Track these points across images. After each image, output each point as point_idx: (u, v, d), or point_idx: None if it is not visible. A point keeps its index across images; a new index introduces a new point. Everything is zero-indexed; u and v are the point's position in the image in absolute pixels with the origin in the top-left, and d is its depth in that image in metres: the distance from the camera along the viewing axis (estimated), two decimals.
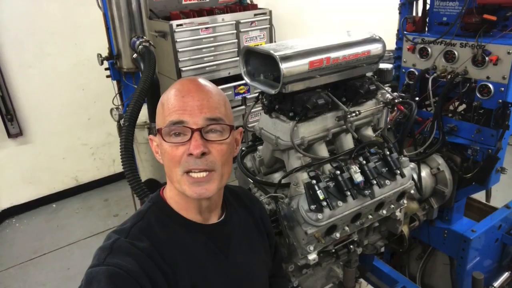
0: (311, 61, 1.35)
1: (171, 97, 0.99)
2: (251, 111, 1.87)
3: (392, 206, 1.61)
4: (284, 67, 1.30)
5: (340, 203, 1.39)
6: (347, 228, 1.51)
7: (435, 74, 1.90)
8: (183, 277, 0.99)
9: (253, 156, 1.73)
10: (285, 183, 1.52)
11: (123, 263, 0.89)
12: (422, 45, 1.96)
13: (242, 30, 3.89)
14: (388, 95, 1.62)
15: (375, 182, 1.44)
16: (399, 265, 2.54)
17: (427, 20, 2.01)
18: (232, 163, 1.08)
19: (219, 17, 3.76)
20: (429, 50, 1.94)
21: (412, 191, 1.78)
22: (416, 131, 2.01)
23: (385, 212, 1.59)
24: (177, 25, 3.51)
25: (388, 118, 1.84)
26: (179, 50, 3.60)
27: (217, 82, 3.89)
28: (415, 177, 1.92)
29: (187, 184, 0.97)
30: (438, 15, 1.94)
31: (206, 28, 3.69)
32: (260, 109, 1.58)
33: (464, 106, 1.93)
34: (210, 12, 3.83)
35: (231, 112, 1.06)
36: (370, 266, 2.19)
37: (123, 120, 1.92)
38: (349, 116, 1.47)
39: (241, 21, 3.86)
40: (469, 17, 1.75)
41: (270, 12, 4.03)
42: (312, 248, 1.44)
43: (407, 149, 2.01)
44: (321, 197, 1.34)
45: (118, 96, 2.74)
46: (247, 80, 1.50)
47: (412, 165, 1.92)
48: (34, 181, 4.16)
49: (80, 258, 3.42)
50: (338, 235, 1.48)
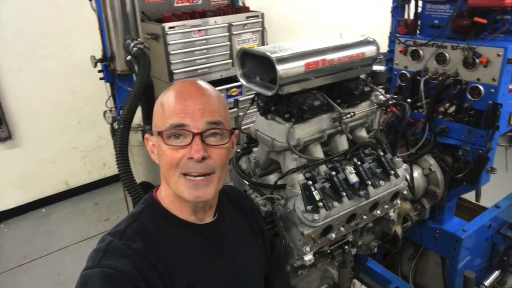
0: (307, 63, 1.37)
1: (172, 99, 0.98)
2: (247, 112, 1.87)
3: (386, 206, 1.63)
4: (280, 68, 1.31)
5: (335, 203, 1.40)
6: (342, 229, 1.52)
7: (426, 76, 1.93)
8: (178, 277, 0.99)
9: (248, 158, 1.73)
10: (281, 185, 1.53)
11: (118, 264, 0.89)
12: (414, 48, 1.99)
13: (234, 32, 3.89)
14: (381, 97, 1.64)
15: (370, 182, 1.46)
16: (391, 265, 2.56)
17: (418, 23, 2.04)
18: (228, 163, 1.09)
19: (212, 19, 3.76)
20: (421, 52, 1.97)
21: (405, 192, 1.81)
22: (408, 132, 2.03)
23: (379, 212, 1.60)
24: (169, 28, 3.50)
25: (381, 120, 1.87)
26: (171, 52, 3.58)
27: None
28: (408, 177, 1.94)
29: (185, 186, 0.97)
30: (429, 18, 1.97)
31: (199, 30, 3.68)
32: (253, 111, 1.59)
33: (455, 107, 1.96)
34: (203, 14, 3.83)
35: (229, 116, 1.07)
36: (364, 267, 2.21)
37: (117, 122, 1.91)
38: (344, 118, 1.49)
39: (234, 23, 3.87)
40: (460, 20, 1.79)
41: (263, 14, 4.05)
42: (308, 249, 1.45)
43: (399, 150, 2.03)
44: (317, 197, 1.35)
45: (111, 98, 2.72)
46: (243, 82, 1.51)
47: (405, 165, 1.94)
48: (23, 186, 4.10)
49: (71, 263, 3.38)
50: (333, 235, 1.49)
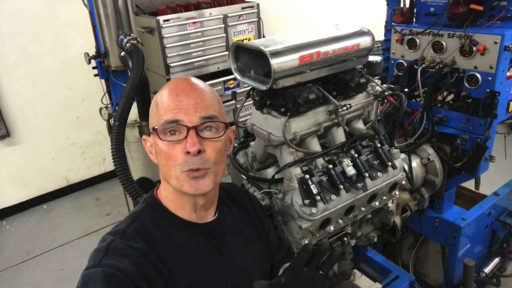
0: (301, 56, 1.35)
1: (165, 96, 0.98)
2: (243, 105, 1.85)
3: (385, 197, 1.62)
4: (274, 62, 1.30)
5: (333, 196, 1.40)
6: (340, 221, 1.52)
7: (423, 65, 1.91)
8: (179, 276, 0.99)
9: (245, 152, 1.73)
10: (278, 179, 1.53)
11: (119, 264, 0.89)
12: (410, 36, 1.97)
13: (230, 24, 3.86)
14: (378, 88, 1.63)
15: (367, 174, 1.45)
16: (392, 254, 2.58)
17: (414, 11, 2.02)
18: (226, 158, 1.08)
19: (207, 11, 3.72)
20: (417, 41, 1.95)
21: (404, 182, 1.81)
22: (406, 122, 2.02)
23: (377, 203, 1.60)
24: (164, 21, 3.48)
25: (378, 110, 1.86)
26: (167, 46, 3.56)
27: (206, 77, 3.88)
28: (406, 168, 1.94)
29: (186, 179, 0.97)
30: (425, 5, 1.95)
31: (194, 22, 3.65)
32: (250, 103, 1.58)
33: (452, 96, 1.95)
34: (197, 6, 3.80)
35: (224, 110, 1.06)
36: (364, 257, 2.22)
37: (113, 119, 1.90)
38: (340, 110, 1.48)
39: (229, 15, 3.83)
40: (456, 7, 1.76)
41: (258, 5, 4.01)
42: (306, 242, 1.45)
43: (397, 140, 2.03)
44: (315, 191, 1.35)
45: (106, 95, 2.71)
46: (237, 76, 1.49)
47: (403, 156, 1.94)
48: (23, 183, 4.10)
49: (73, 259, 3.39)
50: (332, 228, 1.49)
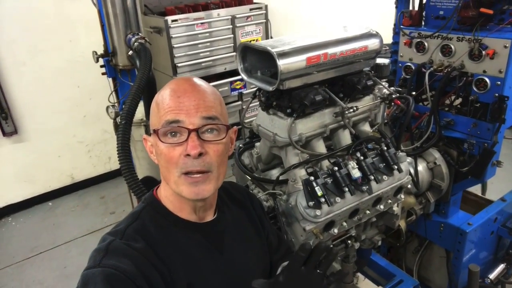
0: (308, 57, 1.35)
1: (166, 97, 0.98)
2: (249, 106, 1.85)
3: (390, 201, 1.61)
4: (281, 63, 1.30)
5: (338, 199, 1.39)
6: (345, 224, 1.51)
7: (431, 69, 1.89)
8: (179, 276, 0.99)
9: (250, 153, 1.73)
10: (283, 180, 1.52)
11: (119, 264, 0.89)
12: (419, 39, 1.96)
13: (238, 25, 3.87)
14: (385, 90, 1.62)
15: (372, 177, 1.45)
16: (396, 258, 2.56)
17: (423, 14, 2.00)
18: (228, 161, 1.08)
19: (215, 12, 3.73)
20: (426, 44, 1.94)
21: (409, 186, 1.79)
22: (413, 126, 2.01)
23: (382, 207, 1.59)
24: (172, 21, 3.49)
25: (385, 113, 1.84)
26: (175, 46, 3.57)
27: (213, 77, 3.89)
28: (412, 171, 1.93)
29: (184, 185, 0.97)
30: (434, 9, 1.93)
31: (202, 23, 3.67)
32: (256, 104, 1.58)
33: (460, 100, 1.94)
34: (206, 7, 3.81)
35: (226, 112, 1.05)
36: (368, 261, 2.20)
37: (119, 118, 1.91)
38: (346, 112, 1.47)
39: (237, 16, 3.84)
40: (465, 11, 1.75)
41: (266, 6, 4.01)
42: (310, 244, 1.44)
43: (404, 143, 2.01)
44: (319, 193, 1.35)
45: (114, 93, 2.72)
46: (244, 77, 1.49)
47: (409, 159, 1.93)
48: (29, 180, 4.13)
49: (77, 256, 3.41)
50: (336, 230, 1.49)
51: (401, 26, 2.04)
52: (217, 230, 1.12)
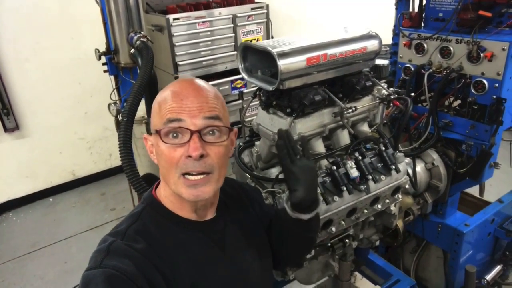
0: (308, 57, 1.37)
1: (169, 98, 0.97)
2: (249, 105, 1.87)
3: (387, 200, 1.63)
4: (281, 63, 1.31)
5: (336, 198, 1.41)
6: (343, 223, 1.53)
7: (430, 70, 1.91)
8: (182, 275, 0.99)
9: (250, 152, 1.74)
10: (282, 178, 1.54)
11: (120, 265, 0.89)
12: (418, 41, 1.98)
13: (239, 24, 3.87)
14: (384, 91, 1.64)
15: (370, 177, 1.47)
16: (393, 258, 2.58)
17: (423, 16, 2.02)
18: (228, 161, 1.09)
19: (216, 11, 3.74)
20: (425, 45, 1.95)
21: (407, 186, 1.81)
22: (412, 127, 2.03)
23: (380, 206, 1.61)
24: (174, 19, 3.49)
25: (384, 114, 1.86)
26: (176, 44, 3.58)
27: (214, 76, 3.89)
28: (410, 172, 1.95)
29: (184, 186, 0.97)
30: (434, 11, 1.95)
31: (203, 22, 3.67)
32: (256, 103, 1.59)
33: (459, 101, 1.95)
34: (207, 5, 3.81)
35: (228, 114, 1.06)
36: (365, 260, 2.22)
37: (121, 115, 1.92)
38: (345, 112, 1.49)
39: (238, 15, 3.84)
40: (464, 13, 1.76)
41: (267, 6, 4.02)
42: None
43: (402, 144, 2.03)
44: (318, 191, 1.36)
45: (115, 91, 2.74)
46: (244, 76, 1.51)
47: (407, 160, 1.94)
48: (31, 175, 4.16)
49: (77, 252, 3.43)
50: (334, 229, 1.50)
51: (401, 28, 2.05)
52: (218, 228, 1.12)
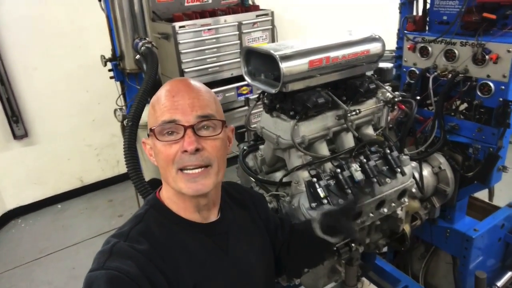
0: (310, 60, 1.37)
1: (162, 97, 1.00)
2: (253, 111, 1.88)
3: (393, 204, 1.61)
4: (284, 66, 1.32)
5: (340, 201, 1.40)
6: None
7: (435, 73, 1.90)
8: (184, 277, 0.99)
9: (254, 155, 1.74)
10: (286, 182, 1.53)
11: (123, 266, 0.89)
12: (423, 44, 1.97)
13: (244, 31, 3.90)
14: (388, 94, 1.63)
15: (375, 180, 1.45)
16: (402, 264, 2.54)
17: (427, 19, 2.01)
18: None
19: (221, 18, 3.78)
20: (430, 49, 1.94)
21: (414, 190, 1.79)
22: (418, 130, 2.01)
23: (386, 210, 1.59)
24: (180, 27, 3.54)
25: (390, 117, 1.85)
26: (182, 51, 3.62)
27: (219, 83, 3.92)
28: (417, 176, 1.93)
29: (183, 181, 0.98)
30: (438, 14, 1.94)
31: (209, 29, 3.71)
32: (261, 109, 1.60)
33: (465, 104, 1.93)
34: (213, 13, 3.85)
35: (221, 109, 1.07)
36: (373, 265, 2.20)
37: (126, 120, 1.94)
38: (349, 115, 1.48)
39: (243, 22, 3.87)
40: (469, 16, 1.75)
41: (272, 13, 4.05)
42: None
43: (408, 148, 2.01)
44: (322, 195, 1.36)
45: (121, 97, 2.77)
46: (248, 79, 1.52)
47: (414, 164, 1.92)
48: (39, 182, 4.20)
49: (85, 258, 3.44)
50: None
51: (405, 31, 2.05)
52: (221, 230, 1.13)
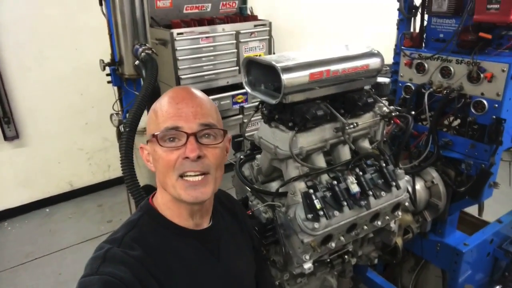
0: (311, 73, 1.39)
1: (165, 104, 1.00)
2: (251, 120, 1.89)
3: (387, 217, 1.63)
4: (285, 78, 1.33)
5: (336, 213, 1.41)
6: (342, 238, 1.53)
7: (431, 89, 1.93)
8: (177, 283, 0.99)
9: (251, 165, 1.75)
10: (282, 192, 1.54)
11: (116, 271, 0.89)
12: (419, 61, 2.01)
13: (241, 40, 3.94)
14: (385, 108, 1.66)
15: (371, 193, 1.47)
16: (392, 277, 2.55)
17: (424, 36, 2.06)
18: (226, 171, 1.10)
19: (220, 27, 3.81)
20: (426, 65, 1.98)
21: (407, 203, 1.81)
22: (412, 145, 2.04)
23: (380, 223, 1.61)
24: (178, 34, 3.55)
25: (385, 131, 1.88)
26: (179, 58, 3.63)
27: (215, 90, 3.93)
28: (410, 189, 1.95)
29: (183, 188, 0.98)
30: (435, 31, 1.99)
31: (206, 37, 3.73)
32: (258, 118, 1.61)
33: (458, 121, 1.97)
34: (211, 21, 3.88)
35: (221, 119, 1.09)
36: (364, 277, 2.21)
37: (123, 125, 1.93)
38: (347, 128, 1.50)
39: (241, 31, 3.91)
40: (465, 34, 1.80)
41: (270, 23, 4.09)
42: (307, 257, 1.46)
43: (402, 162, 2.04)
44: (318, 206, 1.37)
45: (118, 101, 2.75)
46: (248, 89, 1.53)
47: (407, 177, 1.95)
48: (28, 185, 4.13)
49: (72, 264, 3.39)
50: (333, 244, 1.50)
51: (402, 47, 2.09)
52: (213, 237, 1.14)
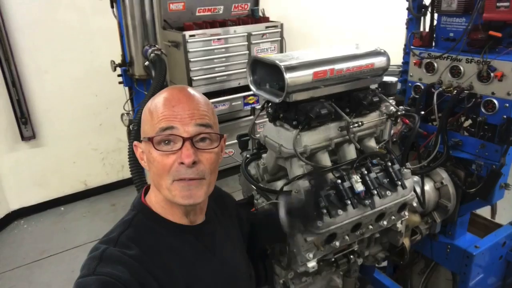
0: (315, 71, 1.39)
1: (160, 105, 0.99)
2: (259, 121, 1.89)
3: (393, 217, 1.62)
4: (288, 76, 1.34)
5: (340, 211, 1.40)
6: (347, 238, 1.52)
7: (440, 89, 1.91)
8: (176, 279, 1.00)
9: (257, 164, 1.76)
10: (287, 191, 1.54)
11: (114, 271, 0.89)
12: (429, 60, 1.98)
13: (253, 42, 3.96)
14: (391, 108, 1.64)
15: (375, 192, 1.46)
16: (402, 279, 2.52)
17: (434, 35, 2.03)
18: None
19: (231, 28, 3.84)
20: (435, 65, 1.96)
21: (415, 204, 1.79)
22: (421, 145, 2.02)
23: (385, 223, 1.59)
24: (190, 36, 3.60)
25: (393, 131, 1.86)
26: (191, 60, 3.68)
27: (227, 92, 3.97)
28: (419, 190, 1.93)
29: (177, 189, 0.98)
30: (444, 30, 1.96)
31: (218, 39, 3.77)
32: (266, 120, 1.62)
33: (469, 121, 1.94)
34: (223, 23, 3.92)
35: (217, 121, 1.09)
36: (371, 278, 2.19)
37: (132, 124, 1.96)
38: (351, 127, 1.50)
39: (253, 33, 3.93)
40: (475, 33, 1.77)
41: (282, 25, 4.10)
42: (311, 255, 1.45)
43: (411, 162, 2.02)
44: (322, 204, 1.36)
45: (129, 102, 2.81)
46: (253, 88, 1.54)
47: (415, 178, 1.93)
48: (44, 184, 4.24)
49: None
50: (337, 244, 1.49)
51: (412, 47, 2.07)
52: (207, 232, 1.15)
